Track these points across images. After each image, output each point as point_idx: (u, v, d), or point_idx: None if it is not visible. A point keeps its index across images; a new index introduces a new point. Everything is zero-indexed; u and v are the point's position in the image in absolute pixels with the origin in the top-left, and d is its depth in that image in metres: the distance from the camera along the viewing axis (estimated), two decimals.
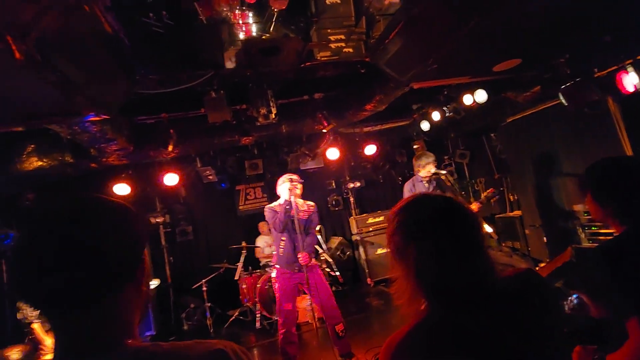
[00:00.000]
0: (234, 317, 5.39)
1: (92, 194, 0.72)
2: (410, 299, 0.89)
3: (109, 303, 0.66)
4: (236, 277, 5.46)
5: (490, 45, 2.99)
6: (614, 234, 1.41)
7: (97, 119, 2.91)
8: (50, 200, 0.70)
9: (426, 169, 4.28)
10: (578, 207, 4.34)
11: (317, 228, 4.65)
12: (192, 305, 5.65)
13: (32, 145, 3.94)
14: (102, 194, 0.74)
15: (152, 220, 6.00)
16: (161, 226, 6.23)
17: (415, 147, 6.52)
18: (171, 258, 6.29)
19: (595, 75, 3.34)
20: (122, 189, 4.89)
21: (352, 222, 6.73)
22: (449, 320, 0.83)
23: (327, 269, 5.73)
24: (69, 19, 1.90)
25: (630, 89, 2.95)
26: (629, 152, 3.69)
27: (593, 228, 4.16)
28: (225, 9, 3.37)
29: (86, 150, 3.91)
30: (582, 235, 4.29)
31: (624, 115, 3.79)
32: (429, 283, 0.86)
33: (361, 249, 6.40)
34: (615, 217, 1.37)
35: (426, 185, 4.35)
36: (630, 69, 2.91)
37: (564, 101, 3.46)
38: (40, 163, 3.98)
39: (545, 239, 5.17)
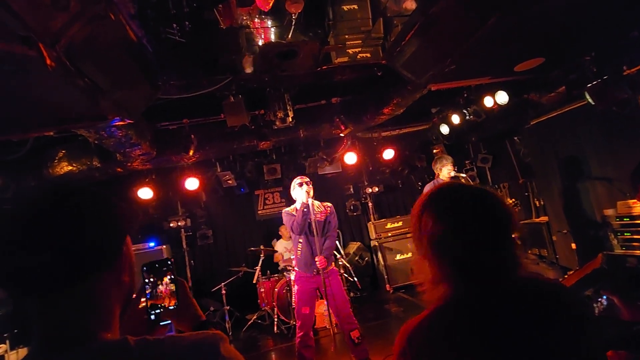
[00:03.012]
0: (252, 321, 5.42)
1: (76, 184, 0.72)
2: (433, 283, 0.89)
3: (81, 291, 0.64)
4: (254, 281, 5.49)
5: (511, 44, 2.92)
6: None
7: (122, 123, 3.03)
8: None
9: (444, 171, 4.24)
10: (609, 212, 4.13)
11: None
12: (211, 308, 5.72)
13: (63, 151, 4.15)
14: (96, 190, 0.72)
15: (174, 224, 6.16)
16: (182, 230, 6.38)
17: (435, 151, 6.42)
18: (192, 261, 6.42)
19: (625, 73, 3.20)
20: (145, 193, 5.05)
21: (371, 227, 6.67)
22: (469, 303, 0.83)
23: (346, 275, 5.68)
24: (96, 27, 2.00)
25: None
26: None
27: (626, 234, 3.95)
28: (245, 18, 3.46)
29: (112, 155, 4.07)
30: (615, 242, 4.07)
31: None
32: (452, 261, 0.86)
33: (380, 255, 6.31)
34: None
35: None
36: None
37: (590, 100, 3.33)
38: (70, 168, 4.18)
39: (574, 245, 4.94)
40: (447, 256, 0.87)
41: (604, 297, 1.68)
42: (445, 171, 4.25)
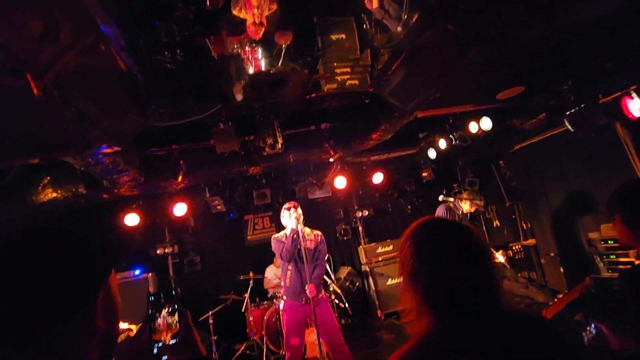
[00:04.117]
0: (240, 352, 5.22)
1: (55, 228, 0.68)
2: (418, 316, 0.92)
3: (48, 340, 0.60)
4: (243, 310, 5.34)
5: (492, 74, 3.04)
6: (638, 263, 1.36)
7: (110, 150, 3.00)
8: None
9: (463, 204, 4.74)
10: (594, 235, 4.20)
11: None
12: None
13: (48, 177, 4.07)
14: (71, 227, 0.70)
15: (161, 250, 6.01)
16: (169, 257, 6.22)
17: (423, 175, 6.50)
18: (179, 289, 6.22)
19: (601, 101, 3.34)
20: (132, 219, 4.96)
21: (361, 251, 6.62)
22: (453, 333, 0.85)
23: (336, 301, 5.58)
24: (86, 58, 2.02)
25: (637, 114, 2.94)
26: None
27: (612, 256, 4.00)
28: (236, 46, 3.55)
29: (99, 181, 4.01)
30: (601, 265, 4.12)
31: (634, 140, 3.75)
32: (435, 294, 0.90)
33: (371, 280, 6.24)
34: None
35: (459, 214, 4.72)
36: (634, 94, 2.91)
37: (570, 127, 3.45)
38: (54, 195, 4.09)
39: (562, 269, 4.97)
40: (429, 288, 0.90)
41: (593, 325, 1.68)
42: (463, 204, 4.78)
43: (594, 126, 3.29)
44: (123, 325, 3.36)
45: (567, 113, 3.39)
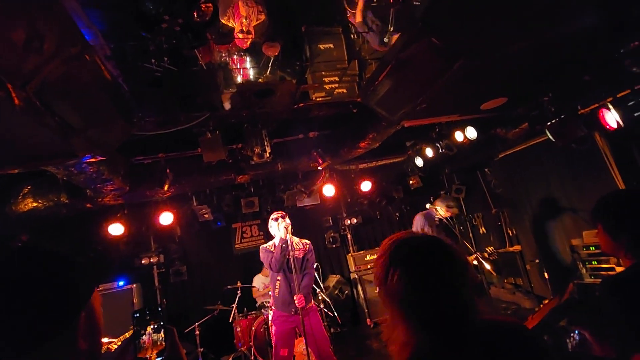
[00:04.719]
0: None
1: (37, 249, 0.68)
2: (399, 336, 0.92)
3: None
4: (230, 320, 5.26)
5: (476, 85, 3.12)
6: (618, 269, 1.39)
7: (94, 160, 2.95)
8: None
9: (439, 209, 4.74)
10: (576, 242, 4.29)
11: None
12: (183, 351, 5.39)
13: (29, 187, 3.96)
14: (50, 249, 0.70)
15: (146, 260, 5.89)
16: (155, 267, 6.10)
17: (411, 182, 6.57)
18: (164, 300, 6.09)
19: (580, 112, 3.45)
20: (116, 229, 4.85)
21: (350, 259, 6.62)
22: (440, 348, 0.87)
23: (325, 309, 5.55)
24: (70, 68, 1.99)
25: (613, 125, 3.05)
26: (620, 185, 3.73)
27: (594, 263, 4.09)
28: (224, 55, 3.55)
29: (82, 190, 3.92)
30: (584, 271, 4.21)
31: (612, 150, 3.87)
32: (414, 314, 0.90)
33: (360, 288, 6.23)
34: (628, 250, 1.34)
35: (436, 220, 4.73)
36: (610, 106, 3.02)
37: (551, 137, 3.55)
38: (35, 204, 3.98)
39: (546, 274, 5.07)
40: (411, 308, 0.91)
41: (576, 332, 1.71)
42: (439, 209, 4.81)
43: (574, 136, 3.39)
44: (103, 340, 3.27)
45: (548, 124, 3.48)
